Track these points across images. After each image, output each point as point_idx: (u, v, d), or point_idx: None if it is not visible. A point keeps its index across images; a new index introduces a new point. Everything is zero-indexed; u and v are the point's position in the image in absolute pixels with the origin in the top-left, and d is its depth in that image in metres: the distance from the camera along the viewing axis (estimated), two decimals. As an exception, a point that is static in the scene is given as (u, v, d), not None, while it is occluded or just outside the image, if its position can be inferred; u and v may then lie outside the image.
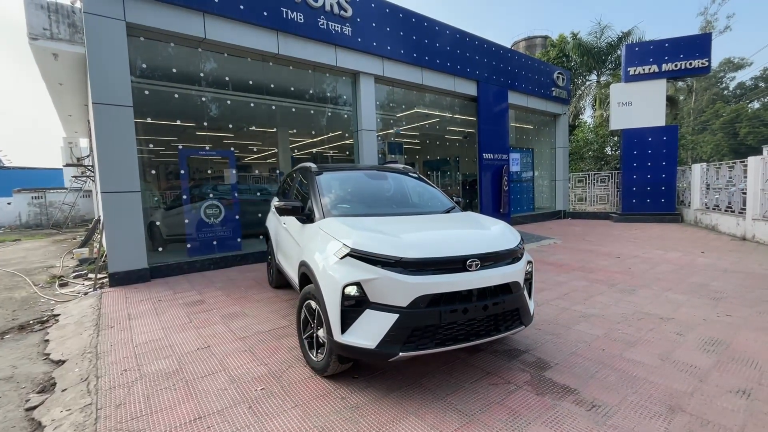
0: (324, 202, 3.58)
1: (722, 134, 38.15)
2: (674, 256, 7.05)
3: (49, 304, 5.41)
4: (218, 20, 6.72)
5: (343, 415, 2.42)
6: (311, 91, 8.77)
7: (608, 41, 20.37)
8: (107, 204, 5.79)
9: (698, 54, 12.27)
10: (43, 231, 17.20)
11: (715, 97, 41.45)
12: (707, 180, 11.10)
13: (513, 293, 2.77)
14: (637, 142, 12.92)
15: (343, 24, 8.20)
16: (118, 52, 5.83)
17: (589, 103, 23.19)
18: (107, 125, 5.77)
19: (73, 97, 11.36)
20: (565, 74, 14.89)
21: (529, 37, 31.76)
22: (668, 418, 2.31)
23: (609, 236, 9.82)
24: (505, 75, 12.26)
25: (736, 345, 3.30)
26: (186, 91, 7.21)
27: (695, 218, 11.49)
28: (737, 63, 41.61)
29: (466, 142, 14.51)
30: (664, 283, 5.24)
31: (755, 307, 4.22)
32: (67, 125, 15.48)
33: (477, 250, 2.70)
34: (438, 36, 10.18)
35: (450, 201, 4.20)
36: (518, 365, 3.05)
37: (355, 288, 2.50)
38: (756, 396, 2.52)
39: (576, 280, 5.54)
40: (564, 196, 15.20)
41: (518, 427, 2.27)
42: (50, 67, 8.93)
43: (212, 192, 7.46)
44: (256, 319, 4.27)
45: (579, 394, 2.60)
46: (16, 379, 3.21)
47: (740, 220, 8.93)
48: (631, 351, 3.23)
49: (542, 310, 4.31)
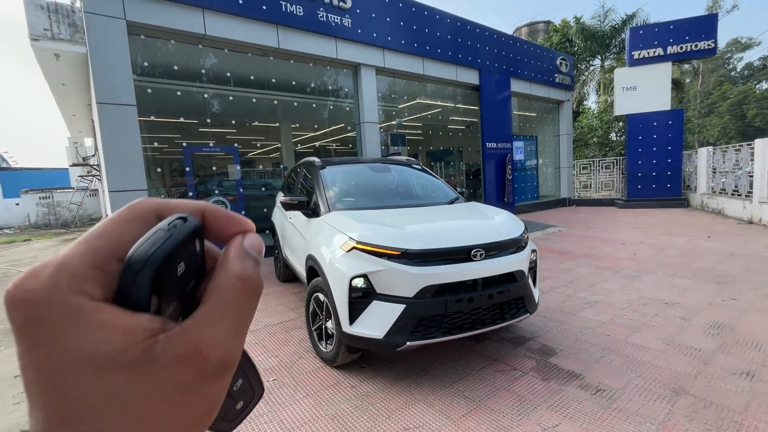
0: (329, 195, 3.62)
1: (729, 116, 37.54)
2: (680, 241, 7.03)
3: (62, 302, 5.53)
4: (218, 16, 6.70)
5: (353, 404, 2.49)
6: (312, 84, 8.75)
7: (612, 25, 20.02)
8: (114, 203, 5.87)
9: (704, 35, 12.04)
10: (52, 231, 17.44)
11: (722, 79, 40.68)
12: (713, 164, 10.98)
13: (518, 282, 2.81)
14: (642, 127, 12.78)
15: (342, 15, 8.14)
16: (119, 51, 5.85)
17: (593, 89, 22.92)
18: (112, 125, 5.82)
19: (76, 97, 11.42)
20: (568, 60, 14.69)
21: (531, 23, 31.22)
22: (672, 401, 2.36)
23: (614, 223, 9.79)
24: (507, 62, 12.13)
25: (740, 328, 3.32)
26: (188, 88, 7.23)
27: (701, 202, 11.40)
28: (745, 43, 40.70)
29: (469, 132, 14.43)
30: (669, 268, 5.24)
31: (760, 290, 4.23)
32: (72, 125, 15.59)
33: (481, 240, 2.73)
34: (438, 25, 10.08)
35: (454, 192, 4.22)
36: (524, 352, 3.10)
37: (362, 280, 2.55)
38: (759, 377, 2.56)
39: (581, 267, 5.56)
40: (568, 183, 15.11)
41: (524, 411, 2.33)
42: (52, 68, 8.97)
43: (217, 188, 7.52)
44: (266, 312, 4.35)
45: (584, 379, 2.65)
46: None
47: (747, 203, 8.86)
48: (636, 336, 3.27)
49: (547, 297, 4.35)
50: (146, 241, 0.22)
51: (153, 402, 0.20)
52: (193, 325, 0.22)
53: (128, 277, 0.21)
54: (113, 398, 0.19)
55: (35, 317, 0.19)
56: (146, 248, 0.21)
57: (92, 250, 0.21)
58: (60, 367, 0.19)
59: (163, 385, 0.20)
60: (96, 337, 0.19)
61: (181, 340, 0.21)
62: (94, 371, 0.19)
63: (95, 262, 0.21)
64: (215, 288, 0.23)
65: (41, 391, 0.19)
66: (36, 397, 0.20)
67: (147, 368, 0.20)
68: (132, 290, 0.21)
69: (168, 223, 0.23)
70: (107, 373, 0.19)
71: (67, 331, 0.19)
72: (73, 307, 0.19)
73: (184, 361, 0.21)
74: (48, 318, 0.19)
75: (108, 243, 0.22)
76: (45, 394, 0.19)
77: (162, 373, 0.20)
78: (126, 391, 0.20)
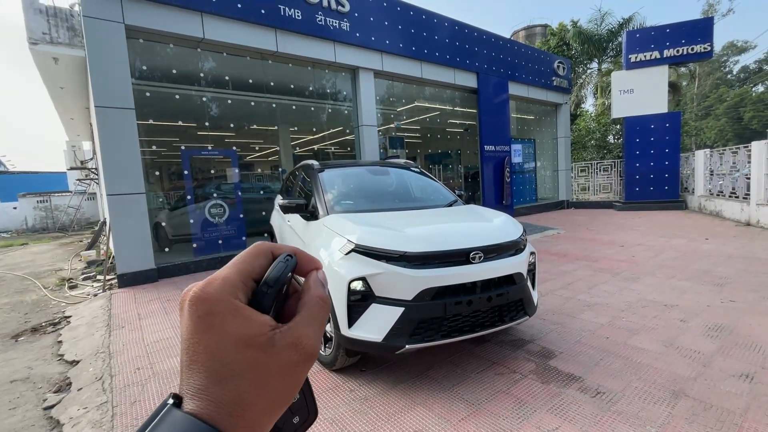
0: (327, 198, 3.62)
1: (726, 119, 37.73)
2: (678, 243, 7.05)
3: (59, 306, 5.50)
4: (216, 20, 6.72)
5: (352, 407, 2.48)
6: (311, 87, 8.77)
7: (609, 28, 20.13)
8: (113, 206, 5.86)
9: (700, 39, 12.12)
10: (49, 234, 17.37)
11: (719, 82, 40.92)
12: (711, 166, 11.03)
13: (516, 284, 2.81)
14: (640, 130, 12.84)
15: (341, 19, 8.17)
16: (118, 54, 5.86)
17: (591, 92, 23.01)
18: (110, 128, 5.81)
19: (74, 101, 11.42)
20: (565, 63, 14.77)
21: (528, 27, 31.40)
22: (672, 403, 2.35)
23: (612, 225, 9.81)
24: (505, 66, 12.19)
25: (739, 330, 3.32)
26: (186, 92, 7.24)
27: (699, 205, 11.44)
28: (741, 46, 40.98)
29: (467, 135, 14.46)
30: (668, 271, 5.25)
31: (759, 291, 4.24)
32: (70, 129, 15.56)
33: (480, 243, 2.73)
34: (436, 28, 10.13)
35: (452, 194, 4.22)
36: (523, 355, 3.09)
37: (360, 283, 2.55)
38: (759, 380, 2.55)
39: (580, 270, 5.56)
40: (567, 186, 15.15)
41: (524, 414, 2.32)
42: (51, 71, 8.97)
43: (216, 191, 7.51)
44: (264, 315, 4.32)
45: (584, 382, 2.64)
46: (33, 379, 3.29)
47: (744, 205, 8.89)
48: (635, 338, 3.27)
49: (546, 300, 4.35)
50: (275, 268, 0.34)
51: (270, 372, 0.30)
52: (296, 325, 0.33)
53: (264, 289, 0.33)
54: (250, 366, 0.30)
55: (211, 310, 0.30)
56: (276, 273, 0.34)
57: (240, 271, 0.33)
58: (223, 343, 0.30)
59: (277, 361, 0.31)
60: (245, 325, 0.30)
61: (290, 333, 0.32)
62: (242, 347, 0.30)
63: (242, 278, 0.33)
64: (305, 303, 0.35)
65: (207, 359, 0.29)
66: (200, 365, 0.29)
67: (270, 349, 0.30)
68: (265, 298, 0.33)
69: (284, 258, 0.35)
70: (248, 349, 0.30)
71: (228, 320, 0.30)
72: (233, 305, 0.31)
73: (292, 347, 0.31)
74: (219, 311, 0.30)
75: (247, 267, 0.34)
76: (210, 361, 0.29)
77: (278, 353, 0.31)
78: (258, 362, 0.30)
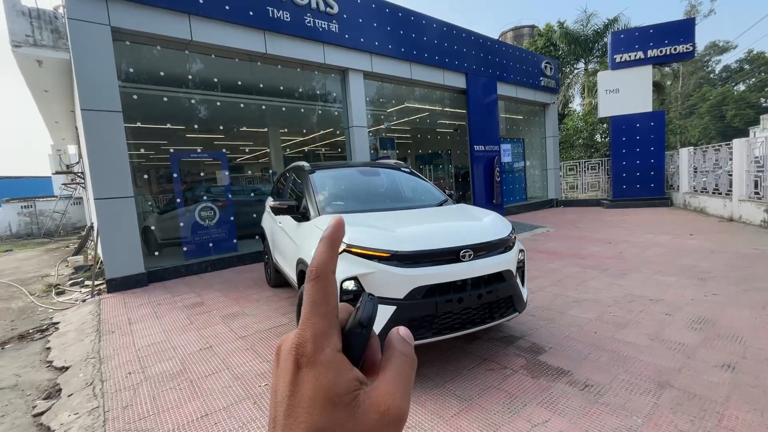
0: (318, 199, 3.64)
1: (709, 117, 38.61)
2: (664, 239, 7.20)
3: (47, 312, 5.42)
4: (204, 21, 6.68)
5: (345, 406, 2.49)
6: (300, 89, 8.77)
7: (594, 29, 20.45)
8: (101, 211, 5.78)
9: (682, 39, 12.40)
10: (35, 240, 17.03)
11: (702, 81, 41.87)
12: (695, 163, 11.28)
13: (506, 281, 2.86)
14: (626, 129, 13.07)
15: (329, 21, 8.19)
16: (104, 57, 5.79)
17: (578, 92, 23.32)
18: (97, 132, 5.74)
19: (59, 104, 11.23)
20: (552, 63, 14.98)
21: (516, 27, 31.78)
22: (657, 394, 2.42)
23: (600, 222, 9.98)
24: (494, 66, 12.32)
25: (722, 322, 3.42)
26: (175, 94, 7.18)
27: (684, 201, 11.69)
28: (722, 46, 41.99)
29: (457, 135, 14.58)
30: (654, 266, 5.37)
31: (740, 285, 4.36)
32: (54, 132, 15.30)
33: (470, 241, 2.78)
34: (426, 30, 10.20)
35: (442, 194, 4.27)
36: (514, 350, 3.14)
37: (352, 282, 2.57)
38: (740, 369, 2.64)
39: (569, 267, 5.65)
40: (556, 184, 15.35)
41: (515, 408, 2.36)
42: (35, 75, 8.81)
43: (206, 194, 7.46)
44: (256, 317, 4.32)
45: (572, 375, 2.70)
46: (21, 387, 3.24)
47: (727, 201, 9.12)
48: (622, 332, 3.34)
49: (536, 296, 4.41)
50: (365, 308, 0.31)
51: None
52: (381, 384, 0.30)
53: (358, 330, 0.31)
54: (334, 426, 0.27)
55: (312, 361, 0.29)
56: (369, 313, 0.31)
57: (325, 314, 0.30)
58: (316, 398, 0.28)
59: (359, 424, 0.28)
60: (336, 380, 0.28)
61: (375, 393, 0.29)
62: (330, 405, 0.28)
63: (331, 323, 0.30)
64: (390, 359, 0.32)
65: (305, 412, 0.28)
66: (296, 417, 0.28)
67: (354, 410, 0.28)
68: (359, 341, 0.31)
69: (369, 297, 0.33)
70: (335, 408, 0.28)
71: (323, 373, 0.28)
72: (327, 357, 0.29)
73: (375, 408, 0.28)
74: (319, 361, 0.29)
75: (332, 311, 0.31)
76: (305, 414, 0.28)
77: (361, 415, 0.28)
78: (341, 423, 0.28)
